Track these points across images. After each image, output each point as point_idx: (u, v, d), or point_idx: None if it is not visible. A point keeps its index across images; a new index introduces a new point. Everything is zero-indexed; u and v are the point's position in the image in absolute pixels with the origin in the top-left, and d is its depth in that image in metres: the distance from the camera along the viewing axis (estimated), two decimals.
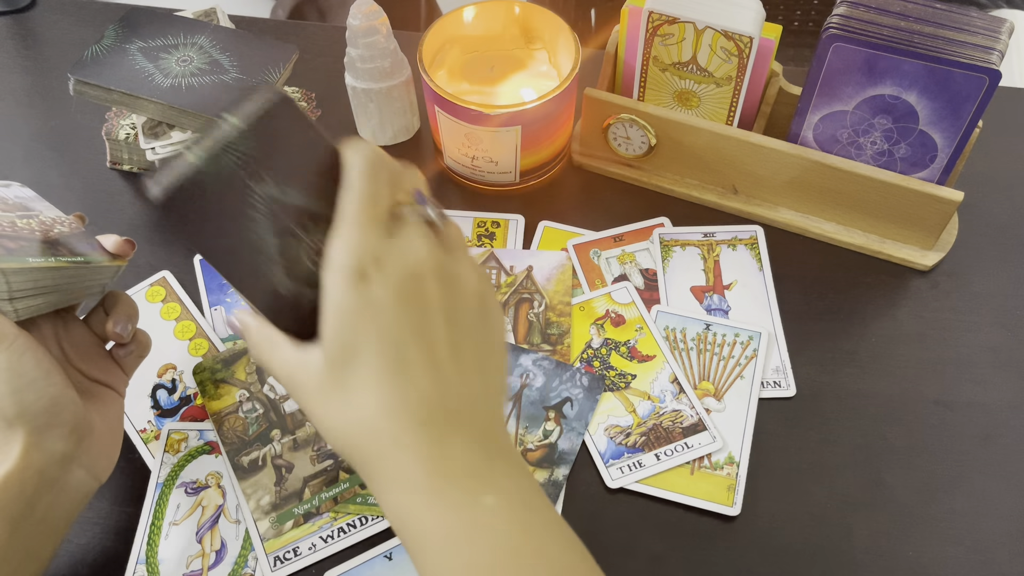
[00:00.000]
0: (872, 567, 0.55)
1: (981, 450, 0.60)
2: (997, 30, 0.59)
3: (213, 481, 0.58)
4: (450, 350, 0.39)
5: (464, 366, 0.39)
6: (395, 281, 0.38)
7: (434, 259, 0.39)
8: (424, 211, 0.40)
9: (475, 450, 0.38)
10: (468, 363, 0.39)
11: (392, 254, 0.38)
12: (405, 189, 0.41)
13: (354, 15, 0.68)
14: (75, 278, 0.52)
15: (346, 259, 0.37)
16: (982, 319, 0.66)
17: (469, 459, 0.38)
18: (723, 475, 0.58)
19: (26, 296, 0.48)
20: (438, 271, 0.39)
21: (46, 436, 0.46)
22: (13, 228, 0.50)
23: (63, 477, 0.47)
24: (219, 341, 0.65)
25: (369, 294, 0.37)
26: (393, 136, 0.76)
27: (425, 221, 0.40)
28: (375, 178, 0.39)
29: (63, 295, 0.51)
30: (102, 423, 0.51)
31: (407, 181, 0.41)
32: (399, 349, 0.37)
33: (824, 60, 0.62)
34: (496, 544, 0.37)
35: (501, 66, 0.73)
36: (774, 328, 0.65)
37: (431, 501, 0.37)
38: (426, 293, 0.38)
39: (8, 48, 0.85)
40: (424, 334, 0.38)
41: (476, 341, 0.40)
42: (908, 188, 0.65)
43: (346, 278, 0.37)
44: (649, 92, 0.71)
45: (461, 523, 0.37)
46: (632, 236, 0.71)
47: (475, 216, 0.72)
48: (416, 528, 0.37)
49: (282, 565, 0.55)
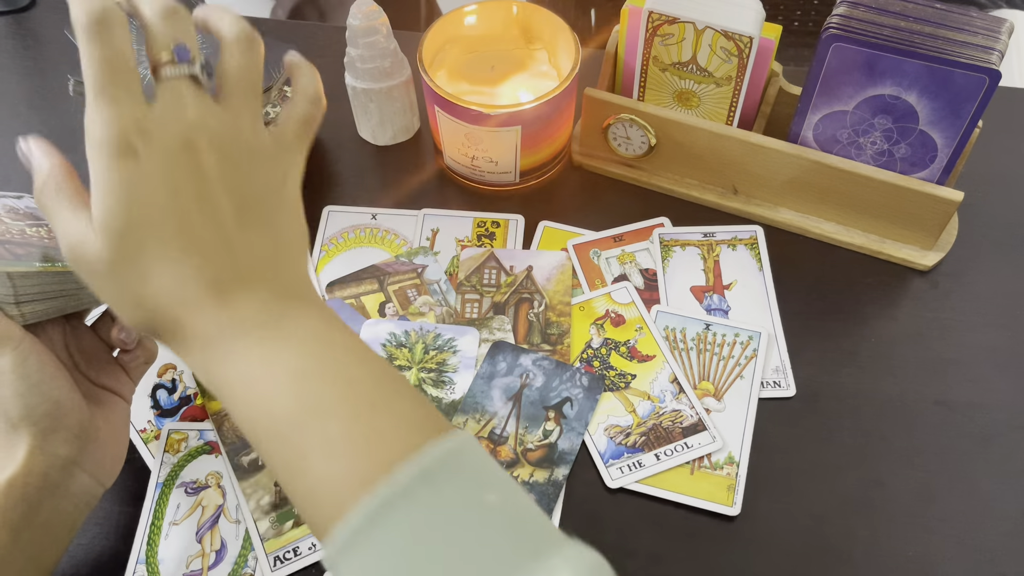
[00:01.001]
0: (872, 567, 0.55)
1: (981, 450, 0.60)
2: (997, 30, 0.59)
3: (213, 481, 0.58)
4: (235, 212, 0.38)
5: (251, 225, 0.39)
6: (164, 153, 0.37)
7: (202, 122, 0.38)
8: (186, 68, 0.38)
9: (269, 302, 0.38)
10: (255, 221, 0.39)
11: (156, 123, 0.37)
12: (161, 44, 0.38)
13: (354, 15, 0.68)
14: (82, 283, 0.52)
15: (105, 134, 0.36)
16: (982, 319, 0.66)
17: (261, 311, 0.38)
18: (723, 475, 0.58)
19: (33, 300, 0.48)
20: (208, 134, 0.38)
21: (50, 440, 0.46)
22: (23, 235, 0.50)
23: (67, 481, 0.47)
24: None
25: (139, 169, 0.36)
26: (393, 136, 0.76)
27: (190, 76, 0.38)
28: (108, 41, 0.36)
29: (70, 300, 0.51)
30: (107, 428, 0.51)
31: (164, 40, 0.38)
32: (181, 220, 0.37)
33: (824, 60, 0.62)
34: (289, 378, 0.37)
35: (501, 66, 0.73)
36: (774, 328, 0.65)
37: (225, 354, 0.37)
38: (200, 160, 0.37)
39: (8, 48, 0.85)
40: (205, 201, 0.37)
41: (260, 198, 0.39)
42: (908, 188, 0.65)
43: (111, 154, 0.36)
44: (649, 92, 0.71)
45: (252, 367, 0.37)
46: (632, 236, 0.71)
47: (475, 216, 0.72)
48: (219, 381, 0.38)
49: (282, 565, 0.55)
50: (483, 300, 0.66)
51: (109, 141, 0.36)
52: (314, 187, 0.74)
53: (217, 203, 0.38)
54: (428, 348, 0.64)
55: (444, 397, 0.62)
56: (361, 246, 0.70)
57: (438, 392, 0.62)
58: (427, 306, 0.67)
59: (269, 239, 0.40)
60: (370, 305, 0.66)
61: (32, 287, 0.48)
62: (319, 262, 0.69)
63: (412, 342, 0.64)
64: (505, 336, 0.64)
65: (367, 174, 0.75)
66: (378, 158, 0.76)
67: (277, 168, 0.41)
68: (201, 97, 0.38)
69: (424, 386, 0.62)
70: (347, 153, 0.77)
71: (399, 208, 0.72)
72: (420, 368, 0.63)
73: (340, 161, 0.76)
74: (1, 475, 0.45)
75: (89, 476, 0.48)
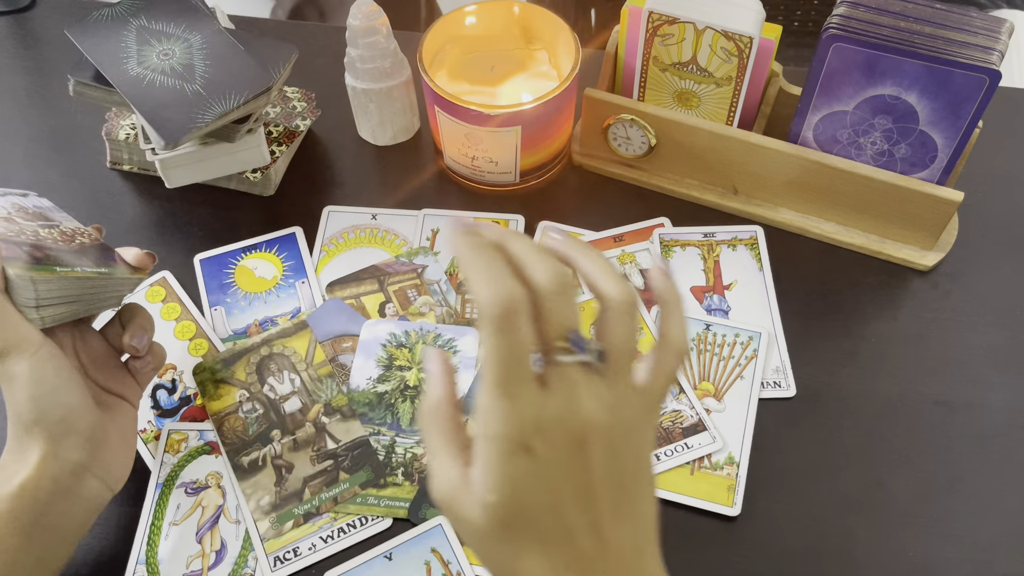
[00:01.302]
0: (872, 567, 0.55)
1: (981, 450, 0.60)
2: (997, 30, 0.59)
3: (213, 481, 0.58)
4: (611, 505, 0.37)
5: (622, 516, 0.38)
6: (557, 452, 0.36)
7: (594, 416, 0.36)
8: (582, 356, 0.36)
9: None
10: (626, 512, 0.38)
11: (552, 419, 0.35)
12: (555, 328, 0.36)
13: (354, 15, 0.68)
14: (98, 289, 0.52)
15: (503, 430, 0.35)
16: (982, 319, 0.66)
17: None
18: (723, 475, 0.58)
19: (52, 304, 0.49)
20: (600, 429, 0.36)
21: (62, 444, 0.47)
22: (37, 237, 0.51)
23: (77, 486, 0.47)
24: (219, 341, 0.65)
25: (532, 466, 0.35)
26: (393, 136, 0.76)
27: (582, 364, 0.36)
28: (514, 332, 0.35)
29: (85, 305, 0.52)
30: (116, 433, 0.51)
31: (557, 318, 0.36)
32: (563, 517, 0.36)
33: (824, 60, 0.62)
34: None
35: (501, 66, 0.73)
36: (774, 328, 0.65)
37: None
38: (589, 457, 0.36)
39: (8, 48, 0.85)
40: (587, 499, 0.37)
41: (633, 479, 0.38)
42: (908, 188, 0.65)
43: (507, 450, 0.35)
44: (649, 92, 0.71)
45: None
46: (632, 236, 0.71)
47: (475, 216, 0.72)
48: None
49: (282, 565, 0.55)
50: None
51: (507, 437, 0.35)
52: (314, 187, 0.74)
53: (597, 498, 0.37)
54: None
55: None
56: (361, 246, 0.70)
57: None
58: (427, 306, 0.67)
59: (632, 532, 0.38)
60: (370, 305, 0.66)
61: (53, 291, 0.48)
62: (319, 262, 0.69)
63: (412, 342, 0.64)
64: None
65: (367, 174, 0.75)
66: (378, 158, 0.76)
67: (647, 436, 0.39)
68: (593, 386, 0.37)
69: (424, 386, 0.62)
70: (347, 153, 0.77)
71: (399, 208, 0.72)
72: (420, 368, 0.63)
73: (340, 161, 0.76)
74: (14, 479, 0.45)
75: (99, 480, 0.49)
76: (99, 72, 0.65)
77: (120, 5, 0.68)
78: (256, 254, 0.70)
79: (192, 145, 0.66)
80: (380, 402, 0.61)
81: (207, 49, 0.66)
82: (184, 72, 0.64)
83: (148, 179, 0.74)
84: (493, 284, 0.34)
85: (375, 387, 0.62)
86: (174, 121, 0.62)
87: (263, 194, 0.73)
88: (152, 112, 0.62)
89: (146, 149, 0.66)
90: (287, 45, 0.69)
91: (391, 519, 0.57)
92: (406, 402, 0.61)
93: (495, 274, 0.35)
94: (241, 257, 0.69)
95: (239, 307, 0.67)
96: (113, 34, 0.66)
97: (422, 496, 0.57)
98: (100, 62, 0.64)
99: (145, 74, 0.64)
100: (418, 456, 0.59)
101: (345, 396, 0.62)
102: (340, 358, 0.64)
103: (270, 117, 0.75)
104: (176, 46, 0.66)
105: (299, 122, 0.75)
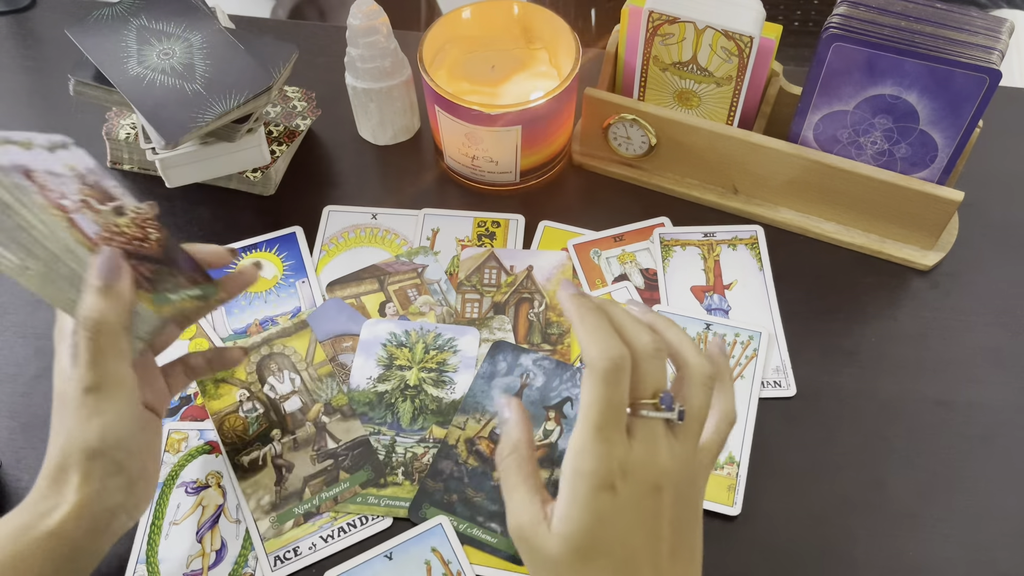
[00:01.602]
0: (872, 567, 0.55)
1: (981, 450, 0.60)
2: (997, 30, 0.59)
3: (213, 481, 0.58)
4: (670, 548, 0.41)
5: (679, 559, 0.42)
6: (637, 494, 0.40)
7: (670, 467, 0.41)
8: (668, 414, 0.41)
9: None
10: (682, 556, 0.42)
11: (636, 464, 0.40)
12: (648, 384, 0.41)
13: (354, 15, 0.68)
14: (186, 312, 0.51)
15: (595, 468, 0.39)
16: (982, 319, 0.66)
17: None
18: (723, 475, 0.58)
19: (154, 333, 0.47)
20: (673, 479, 0.41)
21: (107, 485, 0.46)
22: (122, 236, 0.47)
23: (110, 524, 0.47)
24: (219, 341, 0.65)
25: (614, 503, 0.39)
26: (393, 136, 0.76)
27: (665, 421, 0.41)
28: (618, 385, 0.39)
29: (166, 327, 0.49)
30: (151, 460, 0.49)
31: (651, 378, 0.41)
32: (631, 553, 0.40)
33: (824, 60, 0.62)
34: None
35: (501, 66, 0.73)
36: (774, 328, 0.65)
37: None
38: (661, 502, 0.41)
39: (8, 48, 0.85)
40: (653, 537, 0.41)
41: (691, 538, 0.43)
42: (908, 188, 0.65)
43: (596, 486, 0.39)
44: (649, 92, 0.71)
45: None
46: (632, 236, 0.71)
47: (475, 216, 0.72)
48: None
49: (282, 565, 0.55)
50: (483, 300, 0.66)
51: (597, 474, 0.39)
52: (314, 187, 0.74)
53: (662, 539, 0.41)
54: (428, 348, 0.64)
55: (444, 397, 0.62)
56: (361, 246, 0.70)
57: (438, 392, 0.62)
58: (427, 306, 0.67)
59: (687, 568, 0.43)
60: (370, 305, 0.66)
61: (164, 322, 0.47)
62: (319, 262, 0.69)
63: (412, 342, 0.64)
64: (505, 336, 0.65)
65: (367, 174, 0.75)
66: (378, 158, 0.76)
67: (703, 488, 0.44)
68: (671, 441, 0.41)
69: (424, 386, 0.62)
70: (347, 153, 0.77)
71: (399, 208, 0.72)
72: (420, 368, 0.63)
73: (340, 161, 0.76)
74: (54, 514, 0.45)
75: (128, 516, 0.48)
76: (99, 72, 0.65)
77: (120, 5, 0.68)
78: (256, 253, 0.70)
79: (192, 145, 0.66)
80: (380, 401, 0.61)
81: (207, 49, 0.66)
82: (184, 72, 0.64)
83: (148, 179, 0.74)
84: (604, 343, 0.39)
85: (375, 387, 0.62)
86: (174, 120, 0.62)
87: (263, 194, 0.73)
88: (152, 111, 0.62)
89: (146, 148, 0.66)
90: (287, 45, 0.69)
91: (391, 518, 0.57)
92: (406, 402, 0.61)
93: (605, 335, 0.40)
94: (241, 256, 0.69)
95: (239, 306, 0.67)
96: (113, 34, 0.66)
97: (422, 495, 0.57)
98: (100, 62, 0.64)
99: (145, 74, 0.64)
100: (418, 456, 0.59)
101: (345, 395, 0.62)
102: (340, 357, 0.64)
103: (270, 117, 0.75)
104: (176, 46, 0.66)
105: (299, 122, 0.75)
